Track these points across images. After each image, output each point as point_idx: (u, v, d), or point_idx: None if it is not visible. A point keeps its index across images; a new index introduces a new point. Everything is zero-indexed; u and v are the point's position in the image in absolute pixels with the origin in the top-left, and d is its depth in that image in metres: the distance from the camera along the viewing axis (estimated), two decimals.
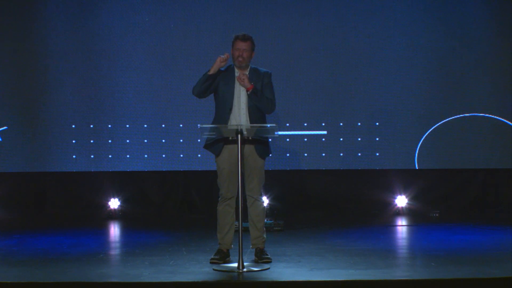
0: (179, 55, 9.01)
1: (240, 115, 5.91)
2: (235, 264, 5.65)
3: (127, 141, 9.06)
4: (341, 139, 9.10)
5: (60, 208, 9.22)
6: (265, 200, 8.70)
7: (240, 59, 5.91)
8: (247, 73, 5.97)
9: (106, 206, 9.13)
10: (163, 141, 9.07)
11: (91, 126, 9.05)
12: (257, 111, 5.95)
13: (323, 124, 9.08)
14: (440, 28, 9.11)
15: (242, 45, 5.92)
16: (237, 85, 5.95)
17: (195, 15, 9.04)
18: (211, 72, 5.89)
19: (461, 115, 9.13)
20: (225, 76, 5.97)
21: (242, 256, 5.60)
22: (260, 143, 5.95)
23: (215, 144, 5.97)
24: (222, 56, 5.85)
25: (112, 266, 5.99)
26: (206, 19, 9.03)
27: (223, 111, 5.93)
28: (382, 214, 9.05)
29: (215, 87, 5.97)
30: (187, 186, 9.33)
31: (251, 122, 5.89)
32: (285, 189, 9.17)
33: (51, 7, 9.03)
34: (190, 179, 9.29)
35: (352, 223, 8.36)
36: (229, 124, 5.86)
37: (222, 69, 6.01)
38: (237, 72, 5.98)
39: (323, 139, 9.08)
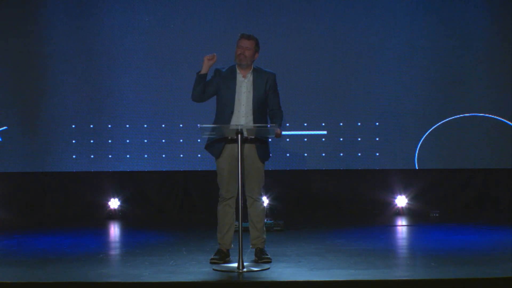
0: (179, 55, 9.01)
1: (240, 118, 5.90)
2: (235, 264, 5.65)
3: (127, 141, 9.06)
4: (341, 139, 9.10)
5: (60, 208, 9.21)
6: (265, 200, 8.71)
7: (242, 56, 5.90)
8: (250, 73, 5.96)
9: (106, 206, 9.14)
10: (163, 141, 9.07)
11: (91, 126, 9.05)
12: (261, 115, 5.94)
13: (323, 124, 9.08)
14: (440, 28, 9.11)
15: (245, 43, 5.92)
16: (238, 87, 5.93)
17: (195, 15, 9.04)
18: (202, 72, 5.89)
19: (461, 115, 9.13)
20: (227, 78, 5.95)
21: (242, 256, 5.60)
22: (261, 144, 5.94)
23: (215, 145, 5.96)
24: (209, 55, 5.86)
25: (112, 266, 6.00)
26: (206, 19, 9.03)
27: (225, 114, 5.90)
28: (382, 214, 9.05)
29: (217, 88, 5.96)
30: (187, 186, 9.33)
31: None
32: (285, 189, 9.16)
33: (51, 7, 9.03)
34: (190, 179, 9.29)
35: (352, 223, 8.36)
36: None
37: (224, 70, 6.01)
38: (238, 73, 5.97)
39: (323, 139, 9.08)
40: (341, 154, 9.10)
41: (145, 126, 9.06)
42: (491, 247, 6.63)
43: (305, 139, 9.07)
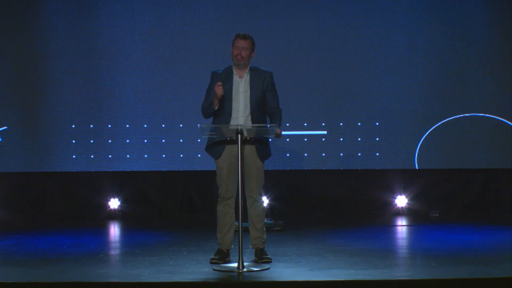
0: (179, 55, 9.02)
1: (238, 118, 5.90)
2: (235, 264, 5.65)
3: (127, 141, 9.06)
4: (341, 139, 9.10)
5: (60, 208, 9.22)
6: (265, 200, 8.70)
7: (239, 57, 5.90)
8: (246, 73, 5.96)
9: (106, 206, 9.14)
10: (163, 141, 9.07)
11: (91, 126, 9.05)
12: (260, 114, 5.95)
13: (323, 124, 9.08)
14: (440, 28, 9.11)
15: (241, 43, 5.92)
16: (235, 88, 5.93)
17: (195, 15, 9.04)
18: (216, 108, 5.85)
19: (461, 115, 9.13)
20: (224, 79, 5.94)
21: (242, 256, 5.60)
22: (261, 143, 5.94)
23: (215, 147, 5.95)
24: (219, 86, 5.78)
25: (112, 266, 5.99)
26: (206, 19, 9.03)
27: (223, 116, 5.90)
28: (382, 214, 9.05)
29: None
30: (187, 186, 9.33)
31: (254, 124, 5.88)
32: (285, 189, 9.17)
33: (51, 7, 9.03)
34: (190, 179, 9.29)
35: (352, 223, 8.36)
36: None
37: (220, 71, 6.00)
38: (235, 74, 5.97)
39: (323, 139, 9.09)
40: (341, 154, 9.11)
41: (145, 126, 9.06)
42: (491, 247, 6.63)
43: (305, 139, 9.08)
